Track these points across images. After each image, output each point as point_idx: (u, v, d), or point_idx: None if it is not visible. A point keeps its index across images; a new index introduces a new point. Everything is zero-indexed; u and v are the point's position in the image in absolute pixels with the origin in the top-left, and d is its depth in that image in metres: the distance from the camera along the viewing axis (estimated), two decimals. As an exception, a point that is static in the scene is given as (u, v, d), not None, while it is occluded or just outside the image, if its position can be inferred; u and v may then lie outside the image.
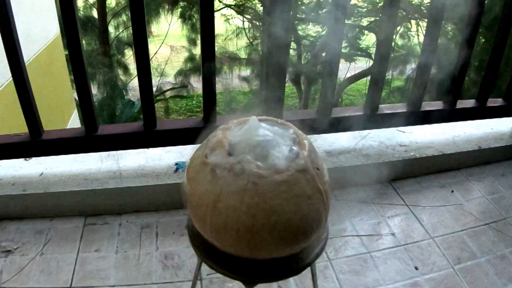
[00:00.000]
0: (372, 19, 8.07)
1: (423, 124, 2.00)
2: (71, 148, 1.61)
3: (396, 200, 1.77)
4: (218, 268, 0.88)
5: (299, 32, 8.00)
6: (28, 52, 3.26)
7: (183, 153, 1.79)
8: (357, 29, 8.01)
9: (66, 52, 4.44)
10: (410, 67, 8.17)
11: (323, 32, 7.84)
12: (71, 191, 1.58)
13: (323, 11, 7.04)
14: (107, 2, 8.10)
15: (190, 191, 0.85)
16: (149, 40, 1.46)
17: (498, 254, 1.51)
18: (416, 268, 1.45)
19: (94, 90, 7.19)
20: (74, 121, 4.61)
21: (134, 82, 7.80)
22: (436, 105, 1.93)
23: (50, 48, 4.03)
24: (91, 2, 8.22)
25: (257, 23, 8.13)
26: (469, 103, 1.99)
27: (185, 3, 7.92)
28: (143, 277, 1.39)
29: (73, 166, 1.70)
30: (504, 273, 1.43)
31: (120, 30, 8.27)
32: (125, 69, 8.17)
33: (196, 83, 8.41)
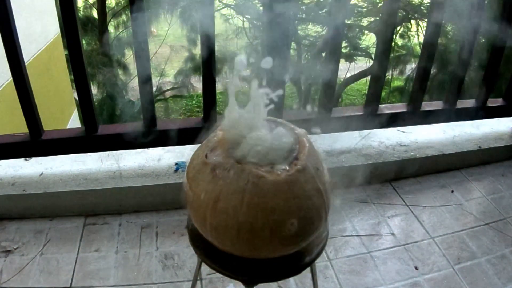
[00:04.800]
0: (372, 19, 8.07)
1: (423, 124, 2.00)
2: (71, 148, 1.61)
3: (396, 200, 1.77)
4: (218, 268, 0.88)
5: (299, 32, 8.00)
6: (28, 52, 3.26)
7: (183, 153, 1.79)
8: (357, 29, 8.01)
9: (66, 52, 4.44)
10: (410, 67, 8.17)
11: (323, 32, 7.85)
12: (71, 191, 1.58)
13: (323, 11, 7.05)
14: (107, 2, 8.10)
15: (190, 191, 0.85)
16: (149, 40, 1.46)
17: (498, 254, 1.51)
18: (416, 268, 1.45)
19: (94, 90, 7.18)
20: (74, 121, 4.61)
21: (134, 82, 7.80)
22: (436, 105, 1.93)
23: (50, 48, 4.03)
24: (91, 2, 8.22)
25: (257, 23, 8.13)
26: (469, 103, 1.99)
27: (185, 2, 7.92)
28: (143, 277, 1.39)
29: (73, 166, 1.70)
30: (504, 273, 1.43)
31: (120, 30, 8.26)
32: (125, 69, 8.17)
33: (196, 83, 8.40)
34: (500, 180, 1.91)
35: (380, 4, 7.35)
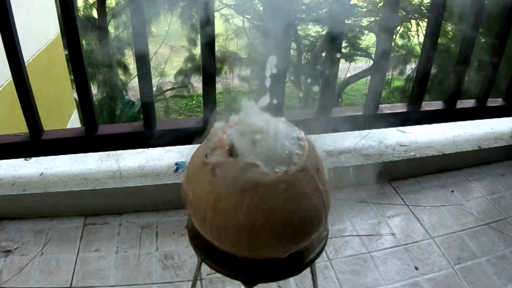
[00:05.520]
0: (372, 19, 8.07)
1: (423, 124, 2.00)
2: (71, 148, 1.61)
3: (396, 200, 1.77)
4: (218, 268, 0.88)
5: (299, 32, 8.00)
6: (28, 52, 3.26)
7: (183, 153, 1.79)
8: (357, 29, 8.01)
9: (66, 52, 4.44)
10: (410, 67, 8.17)
11: (323, 32, 7.85)
12: (71, 191, 1.58)
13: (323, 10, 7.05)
14: (107, 2, 8.10)
15: (190, 191, 0.85)
16: (149, 40, 1.46)
17: (498, 254, 1.51)
18: (416, 268, 1.45)
19: (94, 90, 7.19)
20: (74, 121, 4.61)
21: (134, 82, 7.80)
22: (436, 105, 1.93)
23: (50, 48, 4.03)
24: (91, 2, 8.22)
25: (257, 23, 8.13)
26: (469, 103, 1.99)
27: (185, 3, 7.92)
28: (143, 277, 1.38)
29: (73, 166, 1.70)
30: (504, 273, 1.43)
31: (120, 30, 8.27)
32: (125, 69, 8.17)
33: (196, 83, 8.41)
34: (500, 180, 1.91)
35: (380, 4, 7.35)
